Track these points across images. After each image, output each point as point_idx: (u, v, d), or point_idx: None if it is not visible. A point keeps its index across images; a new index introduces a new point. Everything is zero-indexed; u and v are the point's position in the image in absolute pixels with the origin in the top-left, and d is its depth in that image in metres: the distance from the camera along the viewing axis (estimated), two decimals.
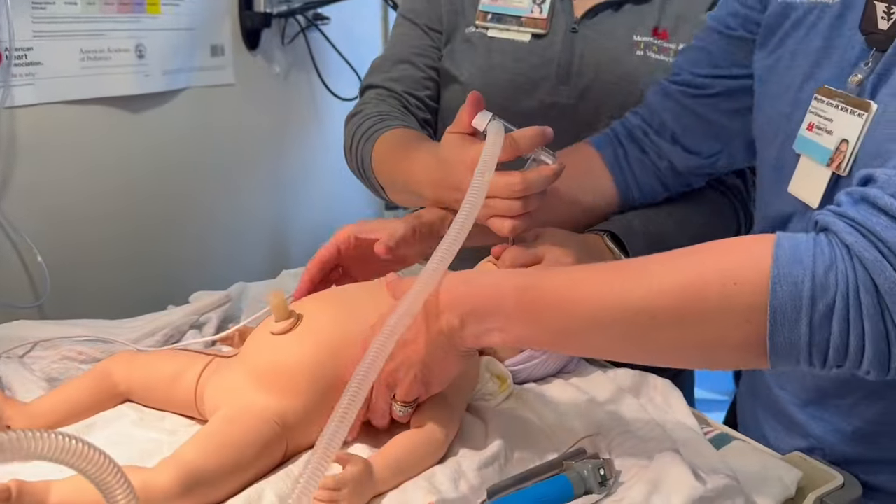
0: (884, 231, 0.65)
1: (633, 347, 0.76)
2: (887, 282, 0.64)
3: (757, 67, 1.00)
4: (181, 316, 1.04)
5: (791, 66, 0.93)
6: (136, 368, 0.90)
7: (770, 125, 0.96)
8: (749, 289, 0.67)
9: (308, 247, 2.32)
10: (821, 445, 0.94)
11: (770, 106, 0.96)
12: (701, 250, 0.72)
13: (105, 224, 1.76)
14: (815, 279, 0.66)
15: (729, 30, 1.05)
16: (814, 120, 0.87)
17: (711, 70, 1.07)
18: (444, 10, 1.34)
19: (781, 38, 0.95)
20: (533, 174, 0.92)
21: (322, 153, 2.33)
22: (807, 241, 0.68)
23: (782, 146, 0.92)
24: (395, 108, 1.31)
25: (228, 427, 0.80)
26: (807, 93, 0.89)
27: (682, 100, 1.10)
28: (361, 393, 0.70)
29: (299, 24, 2.20)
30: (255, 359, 0.87)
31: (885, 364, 0.66)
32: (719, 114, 1.08)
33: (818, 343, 0.67)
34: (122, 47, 1.75)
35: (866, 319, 0.65)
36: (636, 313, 0.71)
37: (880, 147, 0.76)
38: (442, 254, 0.78)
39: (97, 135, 1.73)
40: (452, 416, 0.87)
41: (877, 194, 0.67)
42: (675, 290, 0.70)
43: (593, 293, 0.73)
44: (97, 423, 0.87)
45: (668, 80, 1.12)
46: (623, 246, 1.09)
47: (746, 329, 0.68)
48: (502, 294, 0.76)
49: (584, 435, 0.87)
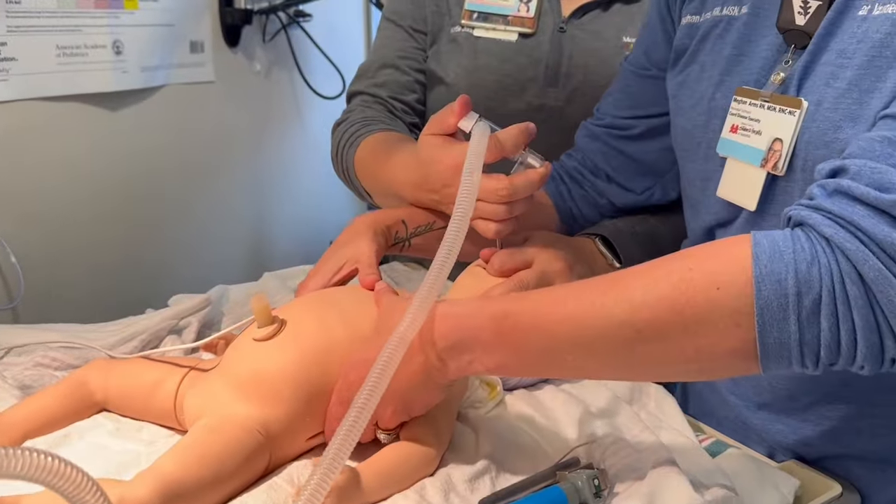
0: (863, 220, 0.64)
1: (619, 365, 0.74)
2: (872, 270, 0.62)
3: (669, 87, 1.02)
4: (159, 320, 1.01)
5: (701, 77, 0.95)
6: (113, 377, 0.87)
7: (688, 138, 0.97)
8: (733, 291, 0.65)
9: (291, 247, 2.31)
10: (780, 448, 0.93)
11: (685, 119, 0.98)
12: (678, 258, 0.71)
13: (82, 224, 1.73)
14: (799, 275, 0.64)
15: (644, 70, 1.09)
16: (737, 122, 0.87)
17: (633, 111, 1.11)
18: (428, 11, 1.32)
19: (690, 55, 0.98)
20: (520, 179, 0.89)
21: (304, 152, 2.30)
22: (784, 237, 0.67)
23: (706, 155, 0.93)
24: (380, 114, 1.30)
25: (209, 437, 0.77)
26: (719, 100, 0.91)
27: (609, 141, 1.13)
28: (367, 411, 0.69)
29: (281, 21, 2.17)
30: (236, 366, 0.83)
31: (879, 356, 0.65)
32: (646, 153, 1.11)
33: (809, 341, 0.65)
34: (98, 43, 1.71)
35: (855, 312, 0.63)
36: (619, 329, 0.69)
37: (823, 137, 0.77)
38: (435, 274, 0.76)
39: (73, 132, 1.69)
40: (443, 427, 0.84)
41: (851, 185, 0.66)
42: (657, 301, 0.68)
43: (574, 312, 0.71)
44: (72, 433, 0.83)
45: (593, 124, 1.15)
46: (614, 249, 1.07)
47: (736, 333, 0.66)
48: (479, 326, 0.74)
49: (577, 444, 0.85)
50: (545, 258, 0.96)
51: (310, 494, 0.65)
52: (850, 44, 0.77)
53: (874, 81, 0.74)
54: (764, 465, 0.86)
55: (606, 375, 0.84)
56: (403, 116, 1.33)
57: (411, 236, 1.02)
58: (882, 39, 0.74)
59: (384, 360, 0.71)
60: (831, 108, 0.77)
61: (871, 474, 0.88)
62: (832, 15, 0.80)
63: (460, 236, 0.77)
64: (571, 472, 0.78)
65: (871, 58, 0.75)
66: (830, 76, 0.79)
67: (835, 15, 0.80)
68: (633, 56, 1.12)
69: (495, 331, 0.74)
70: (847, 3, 0.79)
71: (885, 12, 0.75)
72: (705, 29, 0.96)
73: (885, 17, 0.75)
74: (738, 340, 0.66)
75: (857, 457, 0.89)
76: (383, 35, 1.37)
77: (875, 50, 0.75)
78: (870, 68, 0.75)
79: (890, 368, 0.66)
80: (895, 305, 0.62)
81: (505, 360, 0.75)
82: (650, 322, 0.68)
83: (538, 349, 0.73)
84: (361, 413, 0.69)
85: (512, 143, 0.89)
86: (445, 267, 0.76)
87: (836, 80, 0.78)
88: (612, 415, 0.91)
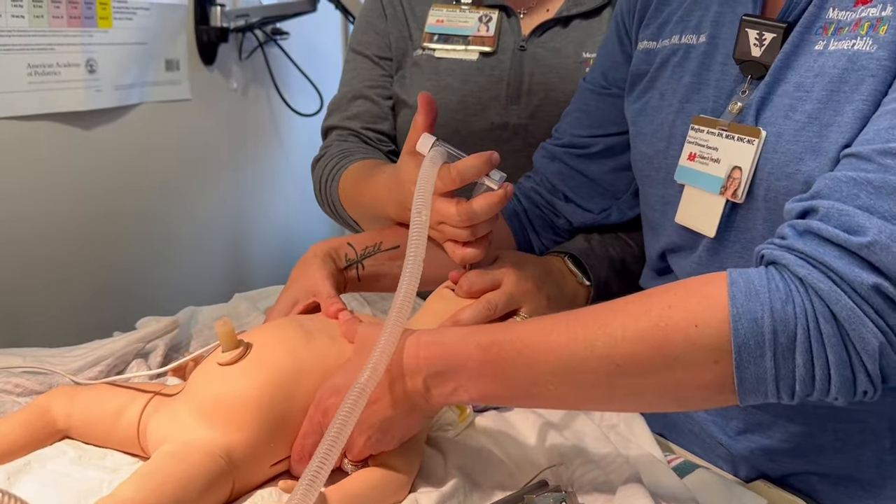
0: (834, 261, 0.66)
1: (600, 396, 0.75)
2: (844, 310, 0.66)
3: (629, 113, 1.04)
4: (125, 344, 1.00)
5: (661, 105, 0.97)
6: (76, 403, 0.86)
7: (648, 164, 0.99)
8: (711, 330, 0.68)
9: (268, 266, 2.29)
10: (745, 463, 0.93)
11: (645, 146, 0.99)
12: (657, 295, 0.73)
13: (56, 245, 1.71)
14: (774, 313, 0.67)
15: (602, 89, 1.10)
16: (694, 150, 0.89)
17: (591, 130, 1.12)
18: (392, 38, 1.33)
19: (649, 82, 1.00)
20: (479, 201, 0.89)
21: (282, 170, 2.29)
22: (759, 276, 0.69)
23: (665, 181, 0.95)
24: (356, 145, 1.32)
25: (170, 463, 0.76)
26: (679, 127, 0.93)
27: (567, 161, 1.13)
28: (341, 439, 0.70)
29: (257, 38, 2.17)
30: (200, 391, 0.83)
31: (852, 389, 0.68)
32: (604, 173, 1.12)
33: (785, 377, 0.68)
34: (71, 62, 1.71)
35: (829, 349, 0.66)
36: (600, 362, 0.71)
37: (785, 169, 0.79)
38: (398, 308, 0.76)
39: (46, 152, 1.68)
40: (414, 453, 0.84)
41: (821, 226, 0.68)
42: (637, 338, 0.70)
43: (557, 343, 0.73)
44: (33, 461, 0.81)
45: (552, 144, 1.15)
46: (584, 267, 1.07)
47: (714, 369, 0.68)
48: (466, 354, 0.76)
49: (545, 466, 0.84)
50: (513, 279, 0.95)
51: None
52: (808, 77, 0.80)
53: (833, 115, 0.76)
54: (732, 484, 0.86)
55: (588, 406, 0.86)
56: (379, 146, 1.34)
57: (362, 258, 1.02)
58: (840, 75, 0.77)
59: (358, 389, 0.72)
60: (792, 140, 0.79)
61: (834, 491, 0.88)
62: (788, 48, 0.82)
63: (419, 260, 0.79)
64: (539, 495, 0.78)
65: (830, 92, 0.77)
66: (789, 108, 0.80)
67: (791, 48, 0.82)
68: (592, 75, 1.13)
69: (481, 359, 0.75)
70: (803, 38, 0.81)
71: (840, 48, 0.77)
72: (664, 56, 0.98)
73: (840, 53, 0.77)
74: (715, 375, 0.69)
75: (821, 473, 0.89)
76: (350, 67, 1.38)
77: (833, 85, 0.77)
78: (829, 102, 0.77)
79: (863, 398, 0.69)
80: (866, 342, 0.66)
81: (489, 389, 0.76)
82: (630, 357, 0.70)
83: (522, 379, 0.75)
84: (336, 441, 0.70)
85: (472, 173, 0.89)
86: (411, 289, 0.77)
87: (796, 113, 0.80)
88: (581, 435, 0.90)
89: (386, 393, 0.77)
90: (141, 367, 0.99)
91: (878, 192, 0.67)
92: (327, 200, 1.29)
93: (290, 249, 2.31)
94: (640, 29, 1.03)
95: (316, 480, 0.69)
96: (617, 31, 1.08)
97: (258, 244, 2.29)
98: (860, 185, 0.68)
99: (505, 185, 0.90)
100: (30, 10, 1.60)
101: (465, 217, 0.89)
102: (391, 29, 1.33)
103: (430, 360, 0.76)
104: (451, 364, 0.76)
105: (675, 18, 0.98)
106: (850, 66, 0.76)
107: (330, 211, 1.30)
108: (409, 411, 0.78)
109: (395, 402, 0.77)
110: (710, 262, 0.90)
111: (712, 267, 0.90)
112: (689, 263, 0.94)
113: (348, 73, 1.38)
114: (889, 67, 0.73)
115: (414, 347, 0.77)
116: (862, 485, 0.88)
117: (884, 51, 0.74)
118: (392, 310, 0.76)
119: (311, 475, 0.69)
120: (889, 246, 0.64)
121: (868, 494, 0.88)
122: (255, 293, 1.24)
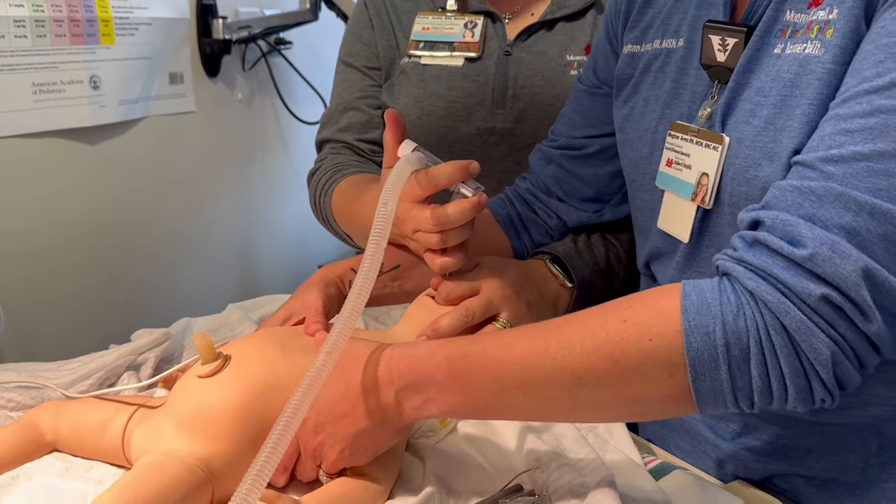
0: (781, 273, 0.66)
1: (564, 408, 0.75)
2: (794, 321, 0.66)
3: (616, 119, 1.04)
4: (116, 357, 1.02)
5: (645, 111, 0.97)
6: (64, 417, 0.88)
7: (635, 169, 0.99)
8: (665, 343, 0.68)
9: (276, 275, 2.32)
10: (732, 463, 0.93)
11: (632, 151, 0.99)
12: (613, 309, 0.73)
13: (66, 260, 1.74)
14: (726, 326, 0.67)
15: (595, 88, 1.11)
16: (671, 156, 0.90)
17: (586, 131, 1.12)
18: (380, 48, 1.35)
19: (634, 87, 1.00)
20: (452, 207, 0.90)
21: (288, 178, 2.31)
22: (711, 288, 0.70)
23: (650, 187, 0.95)
24: (349, 158, 1.33)
25: (149, 474, 0.78)
26: (661, 133, 0.93)
27: (562, 163, 1.14)
28: (286, 436, 0.69)
29: (260, 49, 2.19)
30: (181, 403, 0.84)
31: (809, 398, 0.68)
32: (598, 175, 1.12)
33: (742, 388, 0.68)
34: (75, 79, 1.74)
35: (782, 360, 0.66)
36: (562, 375, 0.72)
37: (745, 175, 0.79)
38: (356, 294, 0.77)
39: (53, 168, 1.72)
40: (392, 462, 0.85)
41: (767, 237, 0.68)
42: (594, 351, 0.70)
43: (521, 356, 0.73)
44: (21, 474, 0.84)
45: (548, 145, 1.16)
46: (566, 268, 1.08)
47: (670, 381, 0.69)
48: (435, 366, 0.76)
49: (522, 470, 0.85)
50: (492, 285, 0.96)
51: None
52: (766, 82, 0.80)
53: (786, 120, 0.76)
54: (708, 485, 0.86)
55: (552, 418, 0.87)
56: (373, 157, 1.35)
57: None
58: (792, 79, 0.77)
59: (311, 376, 0.72)
60: (750, 145, 0.79)
61: (819, 493, 0.88)
62: (749, 52, 0.82)
63: (381, 248, 0.79)
64: (514, 499, 0.79)
65: (784, 97, 0.77)
66: (749, 114, 0.81)
67: (752, 52, 0.82)
68: (585, 75, 1.14)
69: (449, 373, 0.76)
70: (763, 41, 0.81)
71: (794, 52, 0.77)
72: (647, 60, 0.98)
73: (794, 56, 0.77)
74: (672, 387, 0.69)
75: (806, 476, 0.89)
76: (341, 79, 1.39)
77: (787, 89, 0.77)
78: (783, 107, 0.77)
79: (822, 406, 0.69)
80: (818, 352, 0.66)
81: (458, 402, 0.77)
82: (589, 370, 0.71)
83: (489, 392, 0.75)
84: (288, 425, 0.69)
85: (447, 179, 0.89)
86: (361, 297, 0.77)
87: (755, 118, 0.80)
88: (560, 439, 0.91)
89: (360, 404, 0.78)
90: (131, 380, 1.01)
91: (820, 200, 0.66)
92: (322, 215, 1.31)
93: (299, 257, 2.33)
94: (625, 32, 1.04)
95: (267, 466, 0.68)
96: (607, 32, 1.09)
97: (267, 253, 2.31)
98: (804, 195, 0.68)
99: (479, 193, 0.91)
100: (32, 29, 1.64)
101: (438, 221, 0.89)
102: (378, 39, 1.35)
103: (402, 373, 0.77)
104: (420, 377, 0.76)
105: (658, 22, 0.98)
106: (800, 70, 0.76)
107: (325, 224, 1.32)
108: (381, 424, 0.79)
109: (369, 414, 0.78)
110: (687, 268, 0.91)
111: (689, 272, 0.90)
112: (669, 270, 0.94)
113: (339, 86, 1.39)
114: (834, 71, 0.73)
115: (388, 360, 0.78)
116: (847, 488, 0.88)
117: (829, 54, 0.74)
118: (350, 296, 0.76)
119: (258, 469, 0.68)
120: (830, 257, 0.64)
121: (853, 498, 0.87)
122: (249, 303, 1.26)
